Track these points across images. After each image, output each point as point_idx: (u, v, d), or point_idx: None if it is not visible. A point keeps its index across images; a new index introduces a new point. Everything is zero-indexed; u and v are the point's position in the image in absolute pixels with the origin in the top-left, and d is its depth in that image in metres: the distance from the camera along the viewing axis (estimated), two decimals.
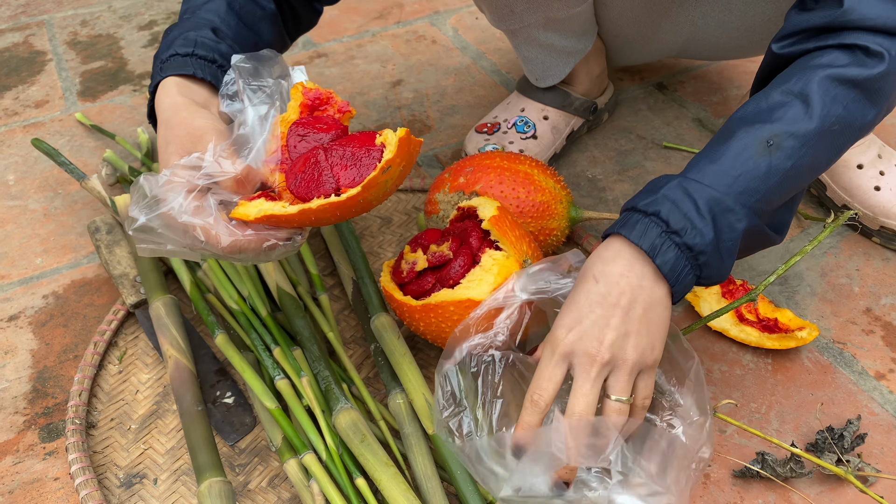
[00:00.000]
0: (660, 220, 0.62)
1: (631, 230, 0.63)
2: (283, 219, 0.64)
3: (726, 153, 0.64)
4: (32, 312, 0.93)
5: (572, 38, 1.00)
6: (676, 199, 0.62)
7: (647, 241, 0.62)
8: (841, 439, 0.74)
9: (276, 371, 0.78)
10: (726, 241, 0.63)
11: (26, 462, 0.78)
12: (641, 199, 0.64)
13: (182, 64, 0.73)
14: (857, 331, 0.88)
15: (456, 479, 0.69)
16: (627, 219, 0.64)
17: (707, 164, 0.64)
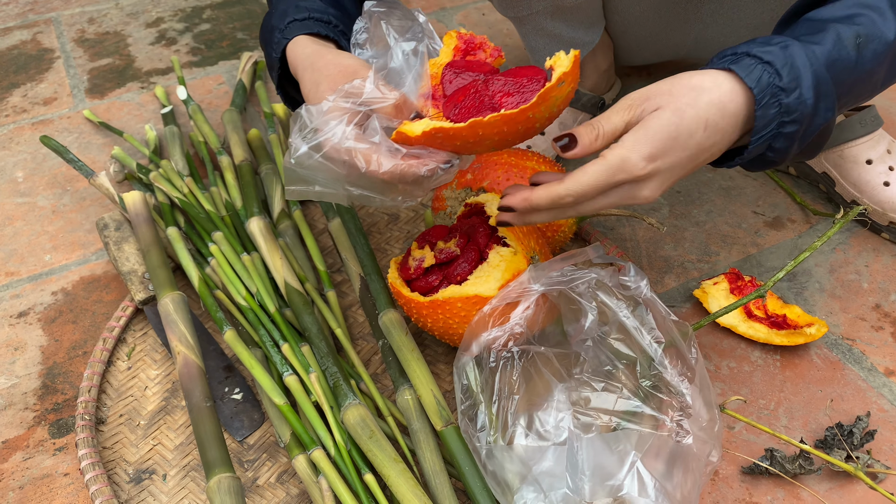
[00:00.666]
0: (775, 72, 0.60)
1: (747, 72, 0.60)
2: (451, 133, 0.61)
3: (825, 39, 0.62)
4: (42, 309, 0.94)
5: (580, 30, 1.00)
6: (791, 59, 0.60)
7: (759, 87, 0.60)
8: (850, 436, 0.74)
9: (284, 367, 0.78)
10: (813, 123, 0.62)
11: (36, 458, 0.78)
12: (755, 48, 0.61)
13: (303, 27, 0.75)
14: (867, 327, 0.88)
15: (464, 475, 0.69)
16: (738, 60, 0.61)
17: (808, 43, 0.62)
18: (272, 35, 0.77)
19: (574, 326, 0.71)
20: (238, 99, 1.20)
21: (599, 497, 0.63)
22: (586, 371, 0.69)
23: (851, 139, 0.98)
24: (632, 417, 0.66)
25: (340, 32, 0.77)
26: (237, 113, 1.14)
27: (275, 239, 0.90)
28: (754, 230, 1.01)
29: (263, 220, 0.91)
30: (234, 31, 1.47)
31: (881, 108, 1.19)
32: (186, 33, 1.47)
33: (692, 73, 0.63)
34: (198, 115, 1.15)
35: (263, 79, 1.30)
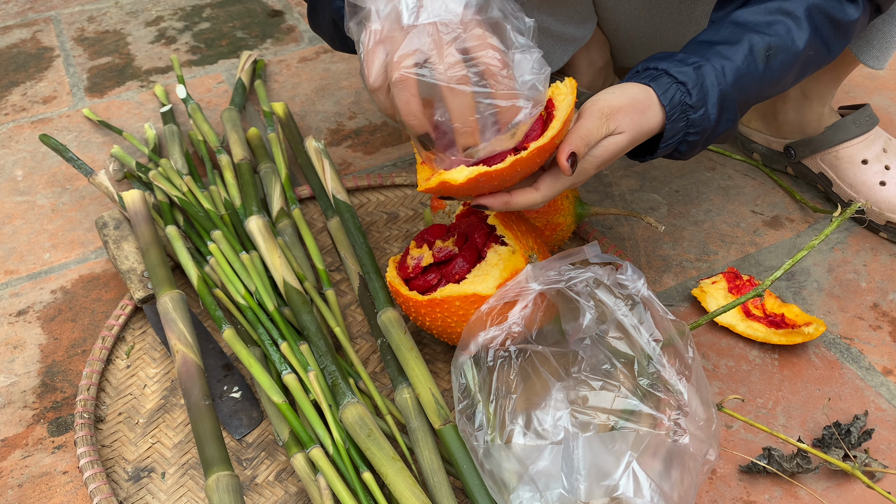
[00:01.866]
0: (686, 91, 0.69)
1: (664, 91, 0.69)
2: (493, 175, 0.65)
3: (737, 54, 0.71)
4: (41, 307, 0.94)
5: (570, 25, 1.00)
6: (703, 79, 0.69)
7: (671, 105, 0.69)
8: (848, 435, 0.74)
9: (283, 365, 0.78)
10: (715, 132, 0.72)
11: (35, 456, 0.78)
12: (673, 67, 0.70)
13: None
14: (865, 326, 0.88)
15: (463, 474, 0.69)
16: (657, 77, 0.70)
17: (721, 58, 0.70)
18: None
19: (572, 325, 0.71)
20: (237, 98, 1.20)
21: (595, 497, 0.63)
22: (584, 370, 0.69)
23: (846, 140, 0.98)
24: (630, 416, 0.67)
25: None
26: (236, 112, 1.14)
27: (274, 238, 0.90)
28: (753, 229, 1.01)
29: (262, 219, 0.92)
30: (233, 30, 1.47)
31: (878, 107, 1.19)
32: (186, 32, 1.47)
33: (635, 87, 0.70)
34: (197, 113, 1.15)
35: (263, 78, 1.30)
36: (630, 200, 1.06)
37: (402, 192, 1.06)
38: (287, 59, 1.37)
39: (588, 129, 0.67)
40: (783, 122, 1.04)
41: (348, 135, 1.20)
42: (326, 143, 1.17)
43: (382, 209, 1.04)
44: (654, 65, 0.71)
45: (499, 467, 0.66)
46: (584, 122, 0.67)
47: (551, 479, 0.64)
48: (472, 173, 0.64)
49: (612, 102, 0.68)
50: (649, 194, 1.06)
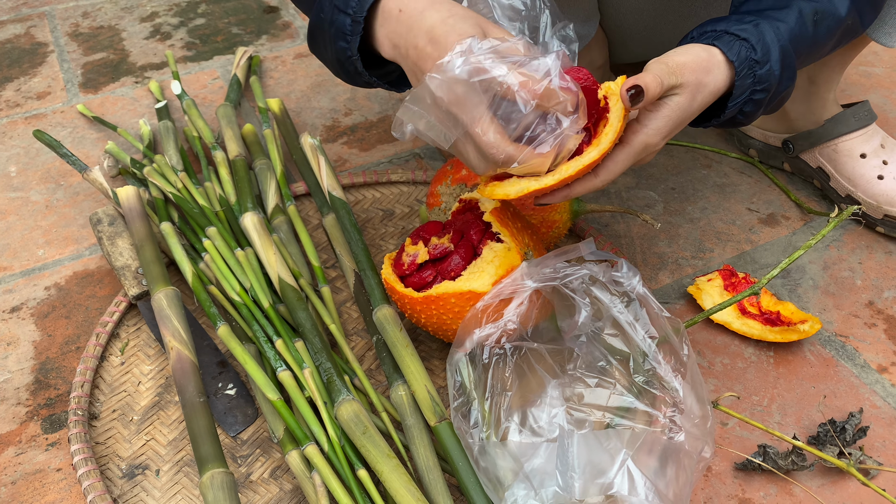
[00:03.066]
0: (751, 46, 0.69)
1: (729, 48, 0.69)
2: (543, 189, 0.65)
3: (789, 16, 0.72)
4: (34, 304, 0.93)
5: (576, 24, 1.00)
6: (763, 35, 0.70)
7: (739, 60, 0.69)
8: (843, 432, 0.74)
9: (278, 362, 0.78)
10: (777, 91, 0.72)
11: (29, 453, 0.78)
12: (732, 25, 0.70)
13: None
14: (860, 324, 0.88)
15: (458, 471, 0.69)
16: (719, 37, 0.70)
17: (774, 20, 0.71)
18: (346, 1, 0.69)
19: (567, 322, 0.71)
20: (233, 94, 1.20)
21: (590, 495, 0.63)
22: (580, 367, 0.69)
23: (845, 133, 0.98)
24: (625, 413, 0.67)
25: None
26: (232, 108, 1.14)
27: (269, 234, 0.90)
28: (748, 227, 1.01)
29: (257, 216, 0.91)
30: (228, 26, 1.47)
31: (874, 104, 1.19)
32: (181, 28, 1.46)
33: (697, 47, 0.70)
34: (192, 109, 1.15)
35: (258, 74, 1.30)
36: (626, 198, 1.06)
37: (398, 189, 1.06)
38: (283, 56, 1.37)
39: (655, 72, 0.65)
40: (788, 110, 1.04)
41: (344, 131, 1.19)
42: (322, 140, 1.17)
43: (378, 206, 1.04)
44: (711, 28, 0.71)
45: (494, 465, 0.66)
46: (651, 69, 0.66)
47: (546, 477, 0.64)
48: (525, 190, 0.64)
49: (676, 59, 0.67)
50: (645, 192, 1.06)
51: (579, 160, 0.64)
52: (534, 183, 0.65)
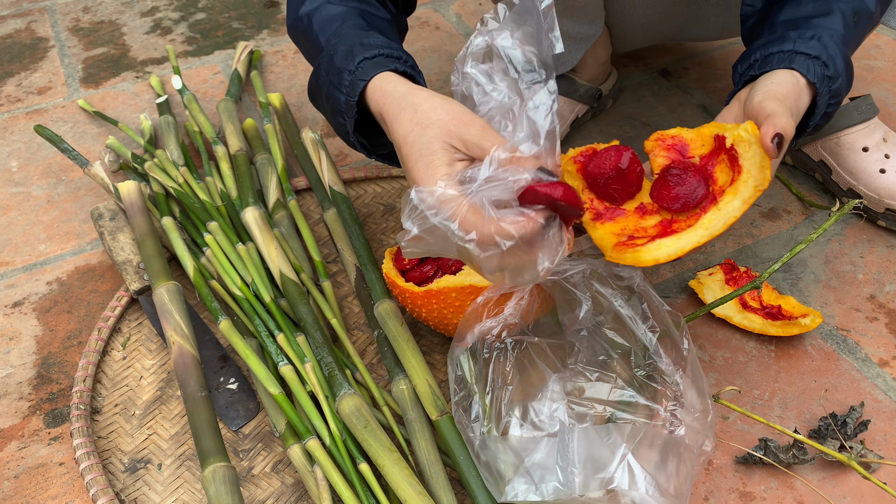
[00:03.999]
0: (823, 63, 0.70)
1: (807, 69, 0.70)
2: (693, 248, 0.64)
3: (835, 22, 0.72)
4: (36, 299, 0.94)
5: (585, 24, 1.00)
6: (827, 48, 0.70)
7: (819, 81, 0.70)
8: (844, 426, 0.74)
9: (279, 357, 0.78)
10: (843, 97, 0.72)
11: (31, 447, 0.78)
12: (800, 45, 0.70)
13: (376, 65, 0.69)
14: (861, 318, 0.88)
15: (459, 465, 0.69)
16: (792, 58, 0.70)
17: (826, 29, 0.72)
18: (340, 78, 0.70)
19: (569, 316, 0.71)
20: (233, 88, 1.20)
21: (591, 490, 0.63)
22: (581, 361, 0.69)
23: (848, 126, 0.98)
24: (626, 407, 0.67)
25: (412, 68, 0.71)
26: (232, 102, 1.14)
27: (270, 229, 0.90)
28: (750, 221, 1.01)
29: (259, 210, 0.91)
30: (229, 21, 1.46)
31: (876, 98, 1.19)
32: (182, 22, 1.46)
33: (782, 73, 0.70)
34: (193, 104, 1.15)
35: (259, 69, 1.30)
36: None
37: (399, 184, 1.06)
38: (283, 50, 1.37)
39: (780, 112, 0.65)
40: None
41: None
42: (323, 134, 1.17)
43: (379, 200, 1.04)
44: (776, 49, 0.71)
45: (495, 459, 0.66)
46: (772, 109, 0.65)
47: (547, 472, 0.64)
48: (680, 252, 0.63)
49: (779, 90, 0.67)
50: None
51: (725, 213, 0.63)
52: (684, 242, 0.63)
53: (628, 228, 0.69)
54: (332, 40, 0.74)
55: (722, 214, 0.63)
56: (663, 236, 0.65)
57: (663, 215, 0.69)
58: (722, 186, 0.67)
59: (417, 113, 0.64)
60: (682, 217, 0.68)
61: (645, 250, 0.63)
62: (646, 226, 0.69)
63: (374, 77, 0.68)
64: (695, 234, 0.63)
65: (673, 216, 0.68)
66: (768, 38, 0.73)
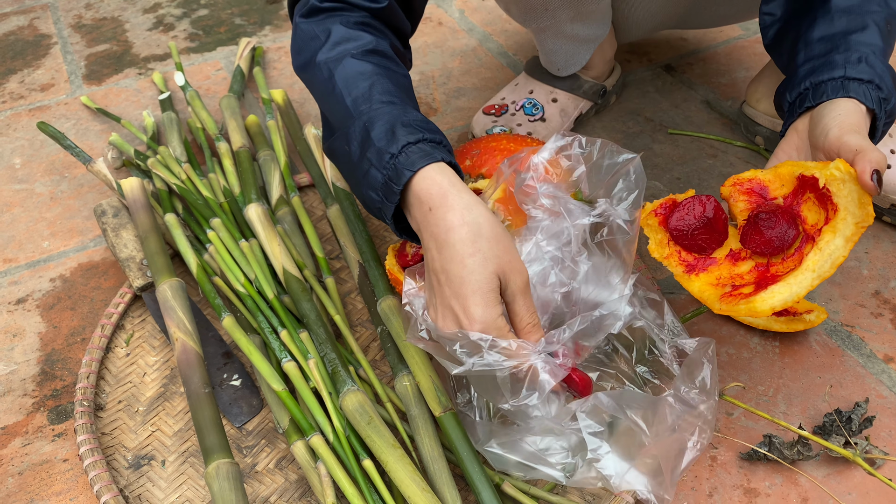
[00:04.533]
0: (876, 86, 0.70)
1: (864, 97, 0.69)
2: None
3: (873, 37, 0.72)
4: (40, 296, 0.94)
5: (594, 25, 1.00)
6: (875, 68, 0.70)
7: (877, 105, 0.70)
8: (849, 422, 0.74)
9: (283, 353, 0.78)
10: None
11: (35, 444, 0.78)
12: (850, 70, 0.70)
13: (425, 154, 0.66)
14: (866, 314, 0.88)
15: (463, 461, 0.69)
16: (846, 86, 0.70)
17: (867, 45, 0.71)
18: (380, 158, 0.66)
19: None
20: (236, 85, 1.19)
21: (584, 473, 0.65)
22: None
23: None
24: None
25: (450, 153, 0.68)
26: (235, 99, 1.14)
27: (273, 225, 0.90)
28: None
29: (261, 207, 0.91)
30: (231, 17, 1.46)
31: None
32: (184, 19, 1.46)
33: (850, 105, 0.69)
34: (195, 101, 1.15)
35: (261, 65, 1.29)
36: None
37: None
38: (286, 46, 1.36)
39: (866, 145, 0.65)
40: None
41: None
42: None
43: None
44: (826, 76, 0.70)
45: (497, 452, 0.67)
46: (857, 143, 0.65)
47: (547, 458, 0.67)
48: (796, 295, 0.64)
49: (849, 121, 0.67)
50: (651, 181, 1.06)
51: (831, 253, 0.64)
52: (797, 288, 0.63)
53: (724, 277, 0.70)
54: (361, 105, 0.70)
55: (827, 255, 0.64)
56: (765, 282, 0.66)
57: (757, 260, 0.70)
58: (815, 225, 0.67)
59: (481, 237, 0.63)
60: (777, 260, 0.69)
61: (760, 300, 0.64)
62: (741, 272, 0.70)
63: (421, 169, 0.65)
64: (805, 278, 0.64)
65: (768, 260, 0.69)
66: (814, 65, 0.72)
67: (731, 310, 0.65)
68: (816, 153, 0.70)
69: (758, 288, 0.66)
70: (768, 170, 0.72)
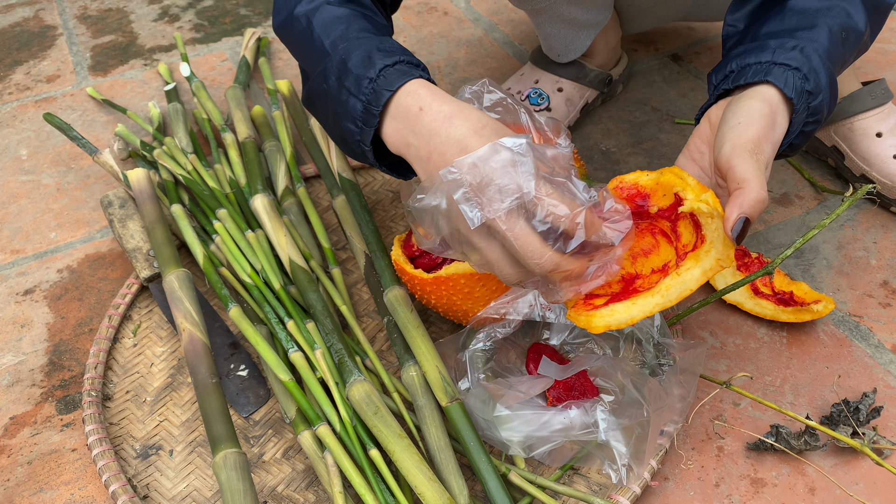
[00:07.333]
0: (803, 76, 0.64)
1: (784, 83, 0.64)
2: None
3: (821, 36, 0.67)
4: (47, 286, 0.94)
5: (593, 10, 0.99)
6: (810, 61, 0.65)
7: (796, 95, 0.64)
8: (856, 412, 0.74)
9: (289, 344, 0.78)
10: (824, 120, 0.67)
11: (44, 433, 0.79)
12: (779, 55, 0.65)
13: (402, 73, 0.65)
14: (874, 304, 0.87)
15: (469, 451, 0.69)
16: (769, 70, 0.64)
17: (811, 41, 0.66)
18: (359, 84, 0.65)
19: None
20: (241, 76, 1.19)
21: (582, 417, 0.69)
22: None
23: (861, 111, 0.97)
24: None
25: (429, 76, 0.67)
26: (241, 90, 1.13)
27: (279, 216, 0.90)
28: None
29: (268, 198, 0.91)
30: (237, 8, 1.46)
31: (891, 83, 1.17)
32: (189, 10, 1.46)
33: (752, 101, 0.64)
34: (201, 92, 1.15)
35: (267, 55, 1.29)
36: None
37: None
38: None
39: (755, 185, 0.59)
40: None
41: None
42: None
43: (388, 187, 1.04)
44: (753, 59, 0.65)
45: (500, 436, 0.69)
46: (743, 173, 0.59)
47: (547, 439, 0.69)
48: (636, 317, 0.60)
49: (750, 134, 0.61)
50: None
51: (683, 282, 0.60)
52: (637, 311, 0.60)
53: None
54: (340, 44, 0.70)
55: (679, 283, 0.61)
56: (626, 294, 0.63)
57: (626, 269, 0.67)
58: (685, 246, 0.64)
59: (483, 116, 0.61)
60: (646, 272, 0.66)
61: (598, 316, 0.61)
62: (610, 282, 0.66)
63: (402, 86, 0.64)
64: (649, 302, 0.61)
65: (637, 273, 0.66)
66: (747, 47, 0.67)
67: (574, 319, 0.62)
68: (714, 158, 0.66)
69: (612, 300, 0.63)
70: (653, 175, 0.67)
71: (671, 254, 0.65)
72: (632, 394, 0.68)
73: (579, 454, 0.71)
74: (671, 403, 0.70)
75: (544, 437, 0.68)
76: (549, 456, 0.71)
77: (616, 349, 0.77)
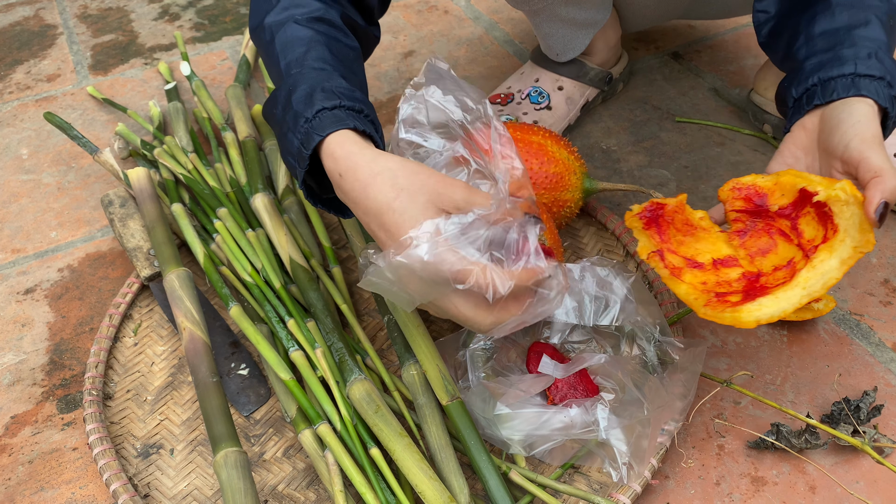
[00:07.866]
0: (888, 83, 0.68)
1: (876, 94, 0.67)
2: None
3: (877, 32, 0.70)
4: (48, 285, 0.94)
5: (591, 10, 0.99)
6: (884, 64, 0.68)
7: (890, 103, 0.68)
8: (857, 410, 0.74)
9: (290, 342, 0.78)
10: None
11: (45, 432, 0.79)
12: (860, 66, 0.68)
13: (335, 119, 0.65)
14: (875, 302, 0.87)
15: (470, 450, 0.69)
16: (856, 83, 0.67)
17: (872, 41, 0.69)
18: (296, 122, 0.66)
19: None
20: (242, 74, 1.19)
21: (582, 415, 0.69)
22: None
23: None
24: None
25: (371, 124, 0.68)
26: (241, 88, 1.13)
27: (279, 215, 0.90)
28: None
29: (268, 197, 0.91)
30: (237, 7, 1.46)
31: None
32: (189, 9, 1.46)
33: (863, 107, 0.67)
34: (201, 91, 1.15)
35: None
36: (638, 176, 1.05)
37: None
38: None
39: (892, 174, 0.62)
40: None
41: None
42: None
43: None
44: (835, 72, 0.68)
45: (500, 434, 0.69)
46: (878, 163, 0.63)
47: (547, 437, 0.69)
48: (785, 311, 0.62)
49: (874, 130, 0.65)
50: (658, 170, 1.05)
51: (824, 274, 0.62)
52: (784, 304, 0.62)
53: (710, 283, 0.69)
54: (293, 69, 0.70)
55: (819, 274, 0.62)
56: (754, 292, 0.64)
57: (746, 268, 0.69)
58: (811, 241, 0.66)
59: (398, 178, 0.61)
60: (768, 270, 0.68)
61: (746, 311, 0.62)
62: (729, 279, 0.68)
63: (330, 134, 0.65)
64: (794, 294, 0.62)
65: (759, 271, 0.68)
66: (821, 59, 0.70)
67: (715, 316, 0.64)
68: (829, 158, 0.68)
69: (745, 297, 0.64)
70: (770, 176, 0.70)
71: (792, 251, 0.67)
72: (632, 392, 0.68)
73: (580, 453, 0.71)
74: (671, 402, 0.70)
75: (545, 435, 0.68)
76: (549, 454, 0.71)
77: (616, 348, 0.77)
